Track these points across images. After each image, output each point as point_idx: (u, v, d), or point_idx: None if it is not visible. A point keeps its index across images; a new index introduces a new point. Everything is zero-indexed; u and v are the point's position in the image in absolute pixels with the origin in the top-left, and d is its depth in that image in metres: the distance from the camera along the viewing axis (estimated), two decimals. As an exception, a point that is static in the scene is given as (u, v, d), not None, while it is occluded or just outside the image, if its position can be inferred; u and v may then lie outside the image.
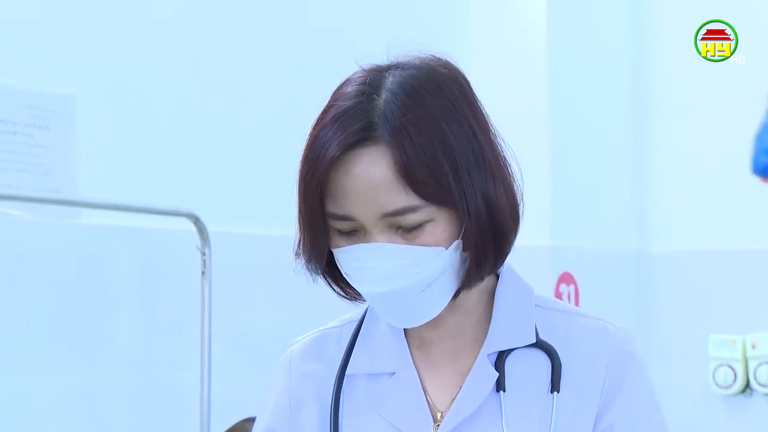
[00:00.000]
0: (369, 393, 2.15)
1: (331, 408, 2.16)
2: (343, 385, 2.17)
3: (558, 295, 5.20)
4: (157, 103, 4.34)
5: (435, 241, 2.01)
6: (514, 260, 2.22)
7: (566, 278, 5.31)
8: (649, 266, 5.58)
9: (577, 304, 5.26)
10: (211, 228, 4.16)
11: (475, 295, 2.13)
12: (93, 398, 4.07)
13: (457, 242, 2.02)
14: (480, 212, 2.02)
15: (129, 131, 4.27)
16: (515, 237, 2.07)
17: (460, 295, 2.07)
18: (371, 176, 2.00)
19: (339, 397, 2.16)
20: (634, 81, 6.00)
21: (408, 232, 2.00)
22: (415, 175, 1.98)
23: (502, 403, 2.09)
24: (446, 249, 2.01)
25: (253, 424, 3.23)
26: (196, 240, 4.13)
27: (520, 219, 2.07)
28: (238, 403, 3.09)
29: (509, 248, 2.08)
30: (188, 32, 4.59)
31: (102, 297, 4.15)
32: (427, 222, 2.00)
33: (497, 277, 2.17)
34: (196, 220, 4.13)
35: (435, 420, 2.11)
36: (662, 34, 6.20)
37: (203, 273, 4.15)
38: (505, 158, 2.08)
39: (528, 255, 4.95)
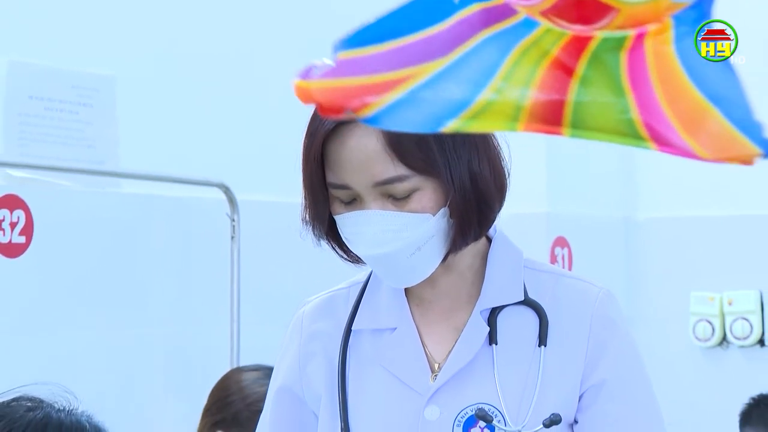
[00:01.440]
0: (373, 347, 2.16)
1: (339, 360, 2.18)
2: (350, 340, 2.19)
3: (553, 258, 5.20)
4: (190, 82, 4.32)
5: (422, 208, 2.02)
6: (512, 225, 2.25)
7: (561, 242, 5.30)
8: (636, 231, 5.57)
9: (570, 265, 5.27)
10: (239, 197, 4.18)
11: (468, 257, 2.14)
12: (134, 350, 4.07)
13: (444, 210, 2.03)
14: (464, 183, 2.03)
15: (165, 108, 4.28)
16: (500, 206, 2.09)
17: (450, 257, 2.08)
18: (363, 148, 2.02)
19: (346, 351, 2.18)
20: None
21: (398, 200, 2.02)
22: (403, 147, 2.00)
23: (494, 355, 2.10)
24: (433, 216, 2.03)
25: (243, 374, 3.25)
26: (226, 208, 4.15)
27: (506, 190, 2.10)
28: (265, 356, 3.09)
29: (494, 216, 2.09)
30: (214, 17, 4.55)
31: (141, 260, 4.14)
32: (415, 191, 2.02)
33: (489, 241, 2.18)
34: (226, 190, 4.15)
35: (432, 371, 2.13)
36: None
37: (233, 238, 4.17)
38: (492, 135, 2.10)
39: (526, 221, 4.91)
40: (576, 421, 2.12)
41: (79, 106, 3.98)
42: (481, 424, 2.06)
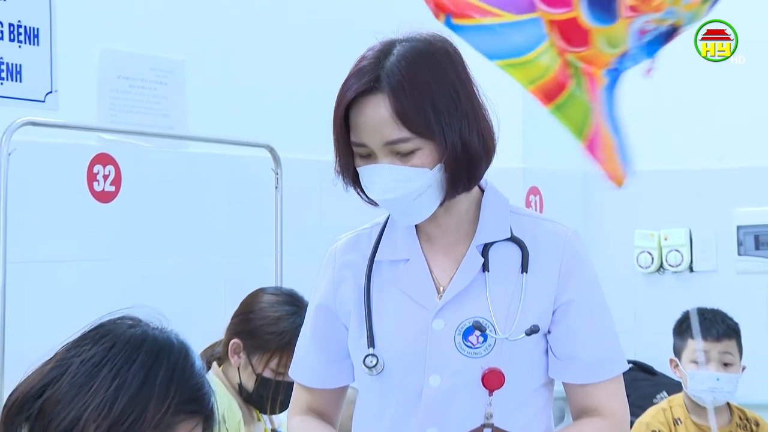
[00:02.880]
0: (391, 274, 2.20)
1: (365, 284, 2.21)
2: (373, 268, 2.22)
3: (528, 203, 5.20)
4: (243, 65, 4.30)
5: (422, 164, 2.05)
6: (495, 178, 2.27)
7: (534, 191, 5.28)
8: (592, 182, 5.53)
9: (541, 209, 5.25)
10: (282, 155, 4.18)
11: (465, 203, 2.17)
12: (199, 275, 4.13)
13: (439, 165, 2.06)
14: (455, 146, 2.05)
15: (223, 85, 4.28)
16: (487, 165, 2.13)
17: (446, 202, 2.11)
18: (375, 115, 2.04)
19: (370, 277, 2.21)
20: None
21: (403, 156, 2.05)
22: (406, 116, 2.03)
23: (487, 280, 2.15)
24: (431, 170, 2.06)
25: (264, 296, 3.26)
26: (272, 164, 4.15)
27: (492, 154, 2.12)
28: (301, 281, 3.10)
29: (481, 173, 2.13)
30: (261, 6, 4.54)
31: (204, 204, 4.15)
32: (416, 150, 2.04)
33: (482, 191, 2.21)
34: (271, 150, 4.16)
35: (438, 292, 2.16)
36: None
37: (276, 188, 4.17)
38: (483, 108, 2.11)
39: (506, 174, 4.89)
40: (549, 332, 2.16)
41: (156, 83, 4.02)
42: (477, 333, 2.10)
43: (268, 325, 3.24)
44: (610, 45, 1.64)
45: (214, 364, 3.31)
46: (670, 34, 1.71)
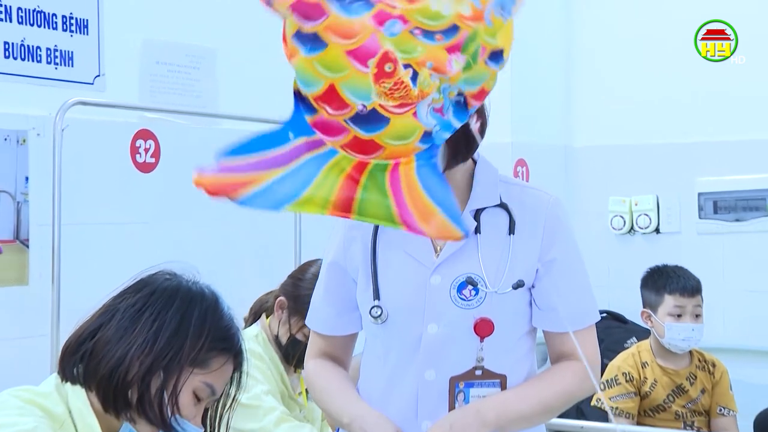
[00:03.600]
0: (394, 235, 2.15)
1: (372, 245, 2.19)
2: (378, 231, 2.19)
3: (516, 173, 5.13)
4: (267, 50, 4.23)
5: None
6: (488, 151, 2.25)
7: (521, 162, 5.22)
8: (573, 154, 5.51)
9: (528, 178, 5.21)
10: None
11: (460, 173, 2.14)
12: (228, 240, 4.05)
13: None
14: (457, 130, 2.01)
15: (249, 69, 4.18)
16: (480, 142, 2.09)
17: (447, 172, 2.04)
18: None
19: (376, 238, 2.19)
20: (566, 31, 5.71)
21: None
22: None
23: (479, 241, 2.13)
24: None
25: (317, 266, 3.28)
26: None
27: (485, 132, 2.09)
28: (318, 246, 3.11)
29: (475, 147, 2.10)
30: None
31: None
32: None
33: (475, 163, 2.19)
34: None
35: (435, 252, 2.14)
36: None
37: None
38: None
39: (496, 148, 4.81)
40: (533, 286, 2.16)
41: (190, 68, 4.01)
42: (469, 287, 2.09)
43: (310, 296, 3.18)
44: (402, 138, 1.65)
45: (263, 316, 3.29)
46: (464, 103, 1.72)
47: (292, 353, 3.15)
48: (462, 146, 2.05)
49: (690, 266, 4.08)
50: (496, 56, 1.68)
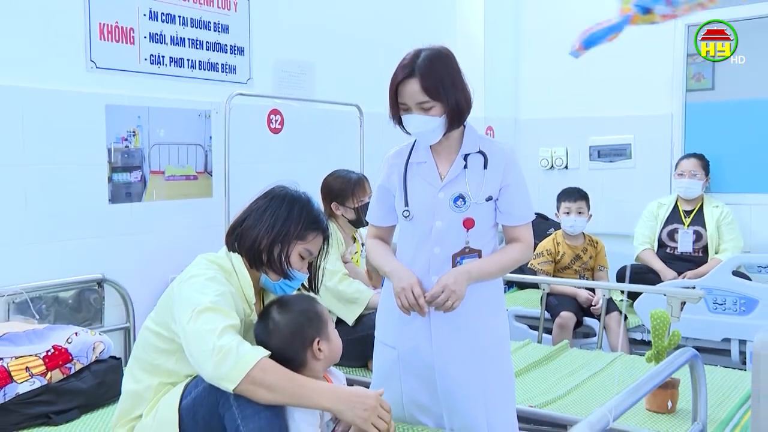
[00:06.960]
0: (417, 168, 2.06)
1: (403, 174, 2.08)
2: (407, 165, 2.07)
3: (486, 134, 5.04)
4: (343, 59, 3.99)
5: (435, 114, 1.94)
6: (472, 121, 2.20)
7: (490, 128, 5.13)
8: (520, 123, 5.38)
9: (494, 137, 5.11)
10: (364, 110, 3.89)
11: (455, 133, 2.05)
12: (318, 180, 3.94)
13: (444, 116, 1.96)
14: (452, 105, 1.95)
15: (337, 75, 3.94)
16: (468, 114, 2.00)
17: (447, 134, 1.98)
18: (412, 89, 1.93)
19: (406, 170, 2.07)
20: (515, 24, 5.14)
21: (426, 110, 1.93)
22: (428, 89, 1.92)
23: (466, 173, 2.04)
24: (439, 117, 1.96)
25: (330, 174, 3.08)
26: (357, 116, 3.91)
27: (471, 107, 2.00)
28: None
29: (465, 118, 2.02)
30: (368, 9, 4.12)
31: (325, 140, 3.82)
32: (432, 107, 1.93)
33: (465, 127, 2.08)
34: (358, 107, 3.92)
35: (441, 179, 2.04)
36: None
37: (360, 126, 4.05)
38: (466, 84, 2.00)
39: (474, 120, 4.74)
40: (497, 199, 2.05)
41: (300, 74, 3.87)
42: (461, 200, 2.01)
43: (343, 182, 3.04)
44: None
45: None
46: None
47: (364, 218, 2.86)
48: (456, 118, 1.99)
49: (584, 188, 4.09)
50: None
